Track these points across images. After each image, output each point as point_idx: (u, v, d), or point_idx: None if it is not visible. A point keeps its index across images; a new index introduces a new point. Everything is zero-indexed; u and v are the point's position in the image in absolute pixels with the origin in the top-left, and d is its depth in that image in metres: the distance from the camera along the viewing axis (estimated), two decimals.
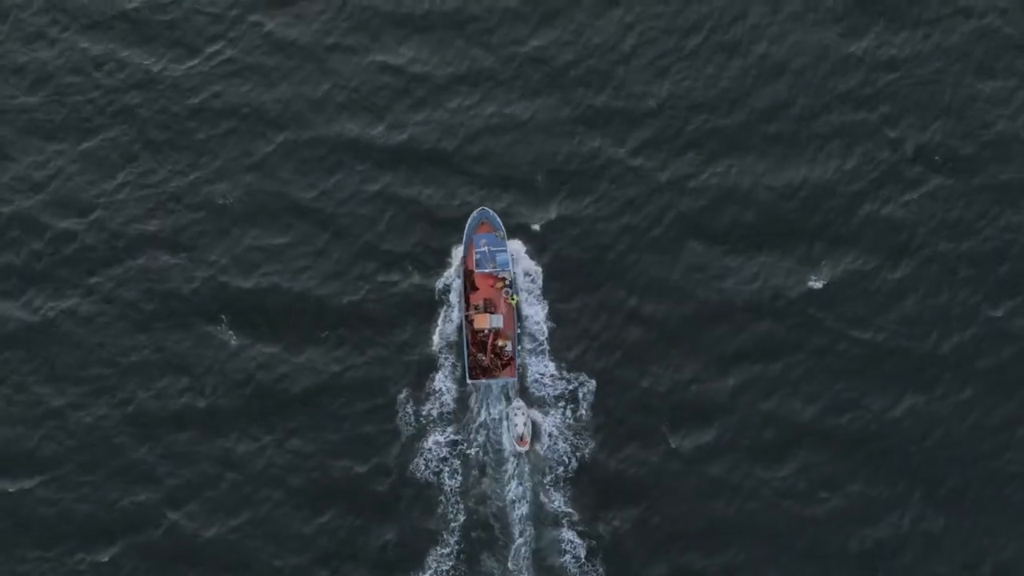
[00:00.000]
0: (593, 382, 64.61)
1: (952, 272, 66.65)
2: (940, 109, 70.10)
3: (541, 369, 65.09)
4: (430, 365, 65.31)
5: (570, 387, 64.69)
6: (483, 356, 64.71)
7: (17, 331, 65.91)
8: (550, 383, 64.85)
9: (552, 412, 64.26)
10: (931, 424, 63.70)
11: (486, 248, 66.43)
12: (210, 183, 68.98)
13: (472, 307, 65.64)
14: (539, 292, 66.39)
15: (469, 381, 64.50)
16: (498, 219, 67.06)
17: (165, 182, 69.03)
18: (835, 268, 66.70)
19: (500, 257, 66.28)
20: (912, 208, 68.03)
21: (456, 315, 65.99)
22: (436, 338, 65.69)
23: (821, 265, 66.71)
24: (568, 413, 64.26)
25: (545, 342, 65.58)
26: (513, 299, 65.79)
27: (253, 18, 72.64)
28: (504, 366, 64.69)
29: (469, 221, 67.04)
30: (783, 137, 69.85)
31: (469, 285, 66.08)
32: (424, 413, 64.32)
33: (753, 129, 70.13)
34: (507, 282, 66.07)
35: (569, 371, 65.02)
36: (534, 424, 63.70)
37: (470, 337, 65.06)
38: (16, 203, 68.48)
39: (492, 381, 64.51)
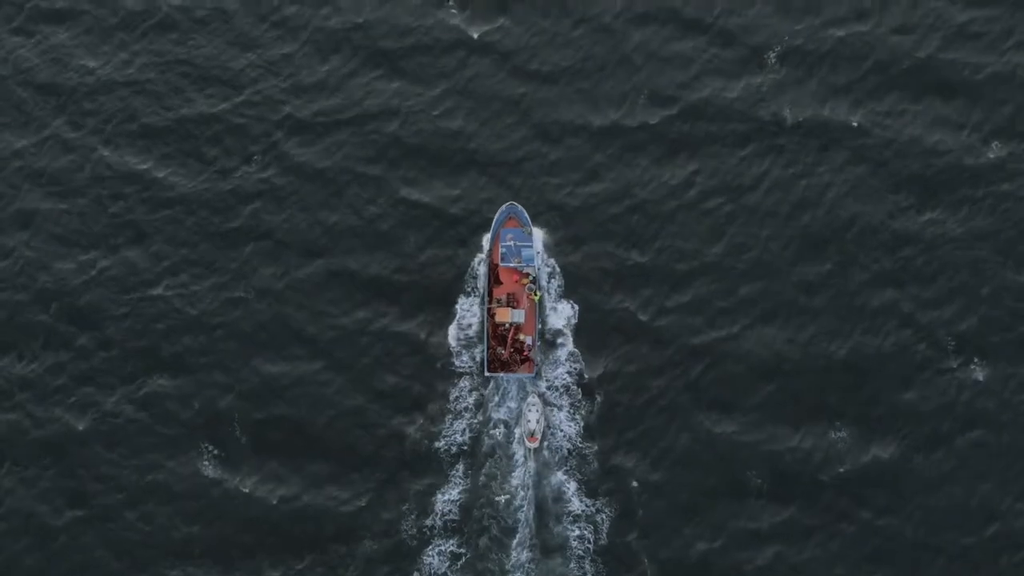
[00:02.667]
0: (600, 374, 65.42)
1: (992, 460, 64.04)
2: (986, 295, 67.00)
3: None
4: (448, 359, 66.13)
5: (583, 385, 65.16)
6: (502, 350, 64.94)
7: (29, 441, 64.30)
8: (564, 378, 65.33)
9: (564, 408, 64.54)
10: None
11: (512, 243, 66.61)
12: (225, 307, 67.08)
13: (495, 300, 65.86)
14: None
15: (487, 374, 64.73)
16: (526, 214, 67.21)
17: (180, 299, 67.19)
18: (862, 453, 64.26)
19: (525, 252, 66.45)
20: (949, 394, 65.25)
21: (478, 307, 66.27)
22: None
23: (847, 447, 64.20)
24: (580, 409, 64.57)
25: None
26: (536, 295, 65.98)
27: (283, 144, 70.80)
28: (523, 361, 64.90)
29: (497, 215, 67.21)
30: (821, 308, 66.84)
31: (493, 279, 66.30)
32: (440, 404, 64.89)
33: (792, 297, 67.17)
34: (531, 278, 66.27)
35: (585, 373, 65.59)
36: (547, 421, 63.93)
37: (491, 330, 65.29)
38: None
39: (510, 375, 64.72)
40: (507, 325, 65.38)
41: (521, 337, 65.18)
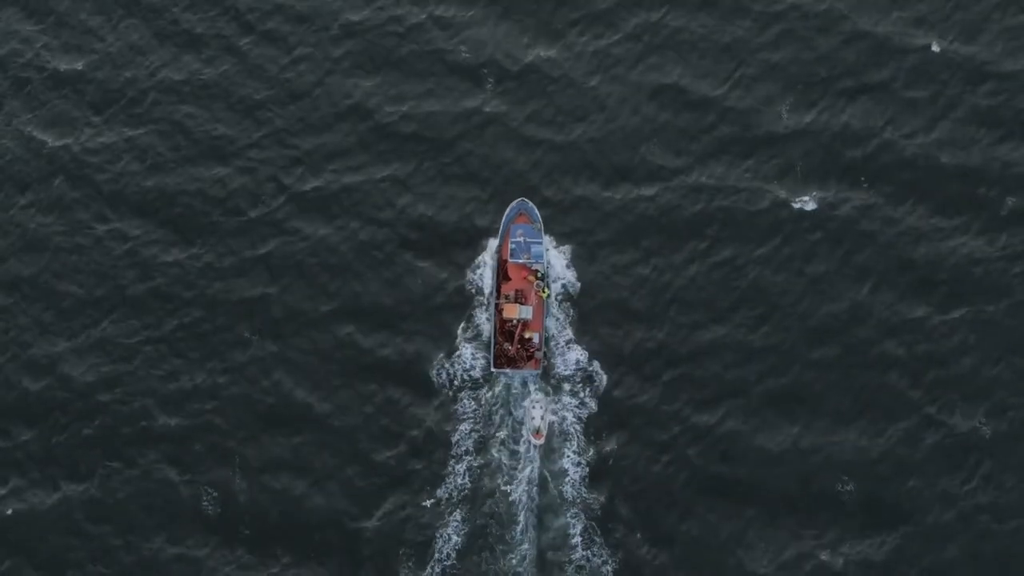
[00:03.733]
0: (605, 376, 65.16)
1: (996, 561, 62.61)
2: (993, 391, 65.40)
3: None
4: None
5: (587, 380, 65.19)
6: (509, 346, 65.06)
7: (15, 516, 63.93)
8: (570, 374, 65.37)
9: (568, 405, 64.60)
10: None
11: (522, 239, 66.66)
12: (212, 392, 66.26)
13: (503, 296, 65.96)
14: None
15: (493, 370, 64.86)
16: (536, 211, 67.21)
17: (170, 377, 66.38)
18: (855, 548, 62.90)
19: (535, 249, 66.48)
20: (954, 489, 63.79)
21: (486, 303, 66.41)
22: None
23: (843, 542, 62.94)
24: (584, 406, 64.63)
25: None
26: (544, 292, 66.01)
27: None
28: (529, 358, 64.97)
29: (507, 211, 67.24)
30: (822, 401, 65.33)
31: (502, 274, 66.39)
32: (446, 392, 65.16)
33: (796, 390, 65.62)
34: (539, 274, 66.31)
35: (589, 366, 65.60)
36: (552, 418, 64.01)
37: (498, 326, 65.39)
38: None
39: (516, 372, 64.84)
40: (515, 321, 65.45)
41: (528, 334, 65.28)
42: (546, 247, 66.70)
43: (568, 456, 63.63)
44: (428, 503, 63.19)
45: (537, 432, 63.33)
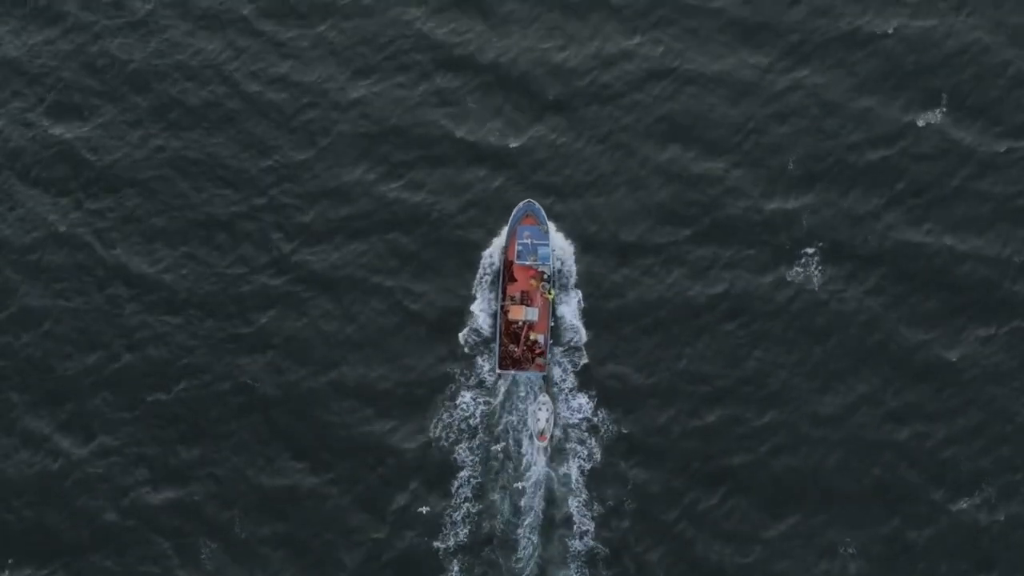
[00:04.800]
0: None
1: None
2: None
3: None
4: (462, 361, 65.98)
5: (593, 385, 65.36)
6: (515, 347, 65.13)
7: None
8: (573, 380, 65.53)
9: (573, 408, 64.79)
10: None
11: (528, 240, 66.61)
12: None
13: (509, 298, 65.98)
14: None
15: (498, 371, 64.96)
16: (543, 212, 67.14)
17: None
18: None
19: (542, 251, 66.44)
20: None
21: (492, 304, 66.41)
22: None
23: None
24: (590, 409, 64.85)
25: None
26: (550, 294, 66.05)
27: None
28: (535, 359, 65.10)
29: (514, 212, 67.15)
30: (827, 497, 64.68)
31: (508, 276, 66.37)
32: (451, 400, 65.14)
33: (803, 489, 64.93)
34: (545, 276, 66.31)
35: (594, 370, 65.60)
36: (556, 420, 64.19)
37: (504, 327, 65.44)
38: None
39: (521, 373, 64.95)
40: (520, 323, 65.53)
41: (533, 336, 65.36)
42: (553, 249, 66.71)
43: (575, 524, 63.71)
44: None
45: (542, 434, 63.56)
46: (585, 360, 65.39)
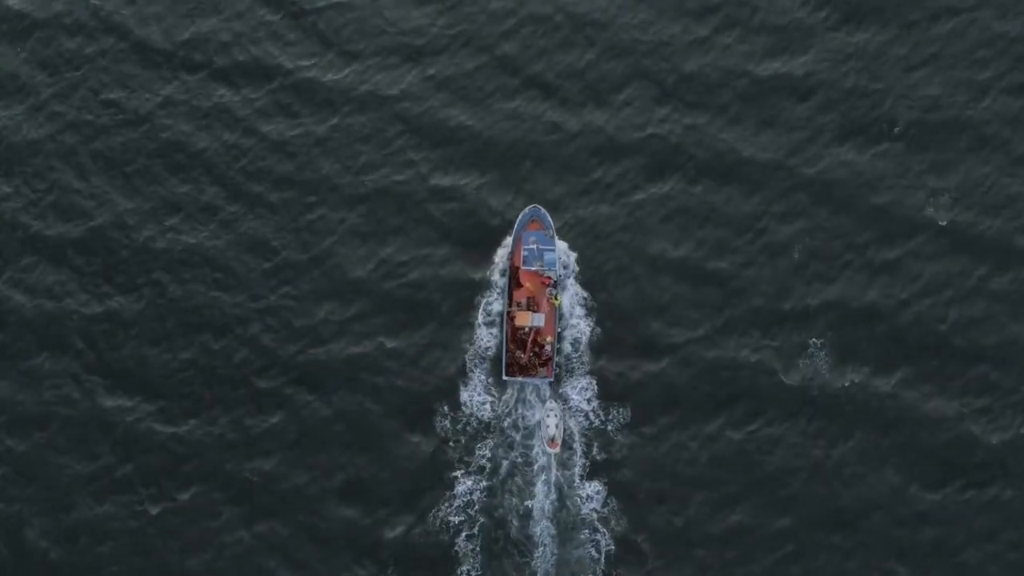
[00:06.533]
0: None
1: None
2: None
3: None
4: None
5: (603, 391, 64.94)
6: (522, 354, 64.71)
7: None
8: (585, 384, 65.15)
9: (583, 414, 64.41)
10: None
11: (535, 246, 66.23)
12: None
13: (515, 304, 65.57)
14: None
15: (505, 377, 64.53)
16: (549, 218, 66.75)
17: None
18: None
19: (548, 256, 66.07)
20: None
21: (498, 310, 66.03)
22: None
23: None
24: (600, 416, 64.47)
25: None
26: (556, 299, 65.65)
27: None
28: (542, 365, 64.67)
29: (520, 217, 66.75)
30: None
31: (514, 282, 65.98)
32: (458, 406, 64.76)
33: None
34: (552, 281, 65.93)
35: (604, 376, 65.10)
36: (566, 427, 63.80)
37: (510, 333, 65.03)
38: None
39: (528, 380, 64.50)
40: (527, 329, 65.12)
41: (540, 341, 64.93)
42: (559, 254, 66.32)
43: None
44: None
45: (552, 441, 63.11)
46: (598, 454, 64.52)
